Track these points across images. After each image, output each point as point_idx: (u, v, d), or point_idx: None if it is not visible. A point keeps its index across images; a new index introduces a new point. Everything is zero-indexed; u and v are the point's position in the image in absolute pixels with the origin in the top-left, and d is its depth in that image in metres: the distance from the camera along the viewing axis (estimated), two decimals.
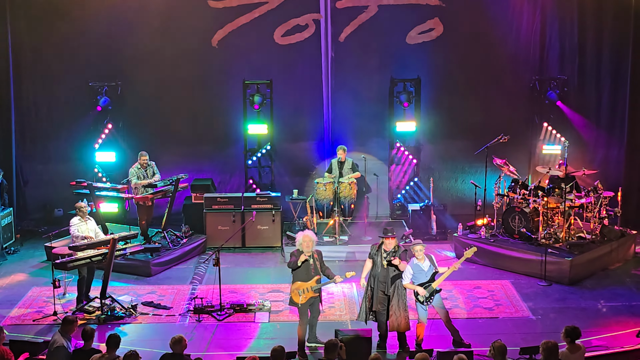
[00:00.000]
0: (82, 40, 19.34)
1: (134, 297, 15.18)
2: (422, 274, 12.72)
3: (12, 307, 14.88)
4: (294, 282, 12.75)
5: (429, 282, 12.69)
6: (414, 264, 12.76)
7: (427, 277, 12.71)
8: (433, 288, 12.69)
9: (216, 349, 13.15)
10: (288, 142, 20.27)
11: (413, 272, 12.70)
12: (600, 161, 19.57)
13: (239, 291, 15.70)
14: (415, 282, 12.71)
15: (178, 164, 19.48)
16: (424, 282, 12.69)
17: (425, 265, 12.75)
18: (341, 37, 19.77)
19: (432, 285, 12.69)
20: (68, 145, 19.79)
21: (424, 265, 12.74)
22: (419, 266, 12.74)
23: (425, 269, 12.73)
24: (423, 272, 12.72)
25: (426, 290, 12.64)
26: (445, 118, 20.10)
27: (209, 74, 19.85)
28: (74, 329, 11.55)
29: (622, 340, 13.24)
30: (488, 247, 17.00)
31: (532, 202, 16.98)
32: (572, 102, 19.84)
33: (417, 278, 12.72)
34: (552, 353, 10.52)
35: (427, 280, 12.70)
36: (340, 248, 17.53)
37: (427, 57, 19.92)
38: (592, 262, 16.51)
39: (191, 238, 18.12)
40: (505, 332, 13.52)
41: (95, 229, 15.26)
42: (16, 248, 18.30)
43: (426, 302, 12.73)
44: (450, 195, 20.16)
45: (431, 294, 12.71)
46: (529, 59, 19.96)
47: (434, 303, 12.81)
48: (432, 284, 12.69)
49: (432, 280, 12.71)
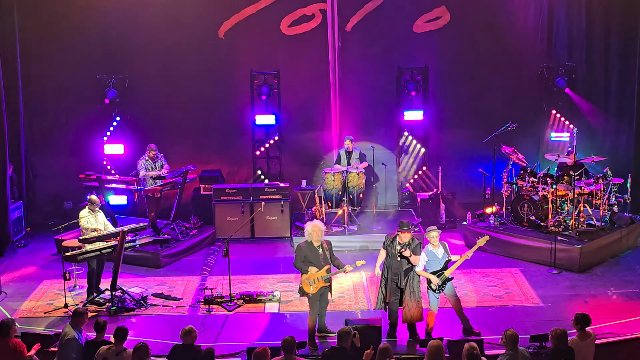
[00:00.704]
0: (89, 33, 19.33)
1: (144, 289, 15.20)
2: (435, 262, 12.72)
3: (24, 300, 14.94)
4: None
5: (442, 270, 12.70)
6: (428, 250, 12.77)
7: (440, 264, 12.71)
8: (446, 276, 12.69)
9: (226, 339, 13.17)
10: (296, 133, 20.25)
11: (427, 259, 12.72)
12: (609, 148, 19.51)
13: (248, 282, 15.73)
14: (429, 269, 12.71)
15: (186, 156, 19.51)
16: (437, 269, 12.70)
17: (439, 252, 12.75)
18: (348, 27, 19.73)
19: (444, 273, 12.69)
20: (77, 139, 19.81)
21: (438, 252, 12.74)
22: (433, 253, 12.74)
23: (439, 256, 12.73)
24: (437, 260, 12.72)
25: (439, 279, 12.66)
26: (453, 106, 20.07)
27: (216, 65, 19.84)
28: (85, 320, 11.60)
29: (632, 327, 13.22)
30: (497, 235, 16.98)
31: (541, 189, 16.95)
32: (581, 89, 19.79)
33: (431, 265, 12.72)
34: (562, 340, 10.52)
35: (440, 268, 12.71)
36: (349, 238, 17.53)
37: (434, 45, 19.87)
38: (602, 249, 16.48)
39: (200, 229, 18.15)
40: (515, 320, 13.53)
41: (104, 221, 15.30)
42: (26, 241, 18.35)
43: (438, 290, 12.72)
44: (458, 183, 20.08)
45: (443, 282, 12.70)
46: (536, 46, 19.90)
47: (446, 291, 12.81)
48: (444, 272, 12.70)
49: (445, 268, 12.71)
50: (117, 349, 10.84)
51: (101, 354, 10.83)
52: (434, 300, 12.82)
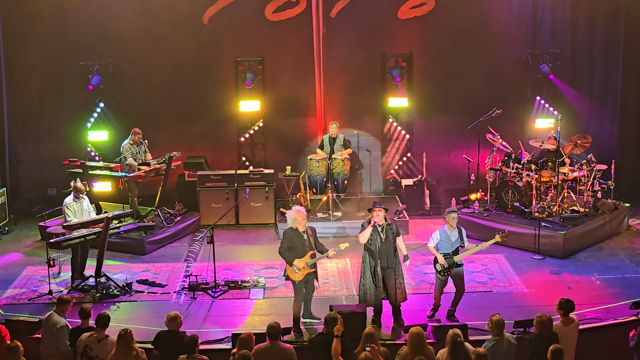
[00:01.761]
0: (73, 19, 19.21)
1: (128, 276, 15.20)
2: (447, 243, 12.83)
3: (7, 287, 14.88)
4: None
5: (452, 254, 12.76)
6: (442, 230, 12.88)
7: (452, 247, 12.81)
8: (454, 261, 12.75)
9: (211, 325, 13.19)
10: (280, 119, 20.22)
11: (440, 238, 12.82)
12: (593, 134, 19.52)
13: (233, 268, 15.73)
14: (440, 250, 12.82)
15: (171, 142, 19.40)
16: (447, 252, 12.78)
17: (453, 235, 12.84)
18: (332, 13, 19.68)
19: (453, 258, 12.75)
20: (60, 125, 19.71)
21: (451, 234, 12.84)
22: (446, 234, 12.85)
23: (452, 239, 12.84)
24: (449, 242, 12.83)
25: (446, 261, 12.72)
26: (438, 93, 20.06)
27: (201, 52, 19.76)
28: (70, 307, 11.58)
29: (615, 312, 13.31)
30: (481, 221, 17.05)
31: (525, 175, 17.00)
32: (565, 76, 19.85)
33: (442, 246, 12.84)
34: (546, 326, 10.56)
35: (450, 251, 12.79)
36: (333, 224, 17.54)
37: (418, 32, 19.86)
38: (586, 235, 16.57)
39: (185, 216, 18.12)
40: (499, 305, 13.58)
41: (88, 207, 15.23)
42: (10, 228, 18.28)
43: (443, 272, 12.79)
44: (443, 170, 20.09)
45: (450, 266, 12.75)
46: (521, 33, 19.91)
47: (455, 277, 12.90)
48: (454, 256, 12.75)
49: (455, 253, 12.78)
50: (99, 336, 10.80)
51: (83, 341, 10.80)
52: (438, 281, 12.97)
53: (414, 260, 15.15)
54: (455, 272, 12.91)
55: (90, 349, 10.73)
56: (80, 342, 10.82)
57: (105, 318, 10.96)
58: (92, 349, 10.73)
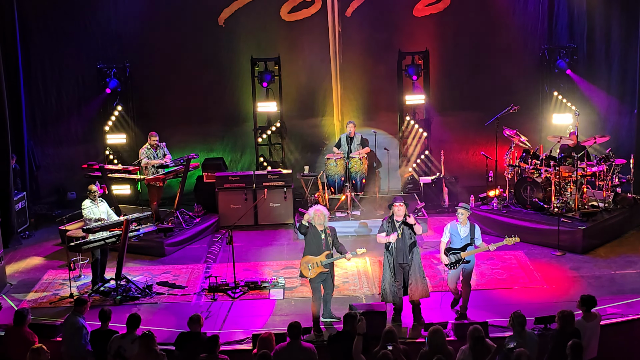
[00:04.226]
0: (90, 23, 19.37)
1: (148, 278, 15.28)
2: (457, 238, 12.84)
3: (29, 291, 14.96)
4: (304, 255, 12.81)
5: (460, 250, 12.75)
6: (452, 224, 12.91)
7: (461, 243, 12.81)
8: (461, 257, 12.74)
9: (232, 326, 13.22)
10: (298, 119, 20.25)
11: (450, 232, 12.89)
12: (611, 129, 19.47)
13: (252, 269, 15.76)
14: (452, 244, 12.85)
15: (189, 144, 19.51)
16: (456, 247, 12.78)
17: (462, 231, 12.83)
18: (348, 12, 19.70)
19: (461, 254, 12.74)
20: (79, 128, 19.87)
21: (461, 230, 12.83)
22: (456, 229, 12.84)
23: (461, 234, 12.82)
24: (458, 237, 12.84)
25: (453, 256, 12.72)
26: (455, 90, 20.05)
27: (217, 53, 19.83)
28: (87, 308, 11.69)
29: (637, 307, 13.25)
30: (501, 218, 17.00)
31: (544, 171, 16.95)
32: (582, 71, 19.77)
33: (452, 241, 12.84)
34: (569, 322, 10.55)
35: (459, 247, 12.79)
36: (352, 223, 17.54)
37: (434, 29, 19.84)
38: (605, 231, 16.48)
39: (204, 217, 18.16)
40: (519, 302, 13.53)
41: (107, 210, 15.26)
42: (30, 232, 18.36)
43: (450, 266, 12.79)
44: (461, 167, 20.07)
45: (457, 261, 12.75)
46: (537, 28, 19.87)
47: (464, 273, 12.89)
48: (461, 253, 12.75)
49: (464, 249, 12.77)
50: (132, 336, 10.88)
51: (116, 342, 10.89)
52: (448, 275, 13.03)
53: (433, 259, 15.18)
54: (464, 269, 12.89)
55: (124, 349, 10.80)
56: (112, 343, 10.90)
57: (136, 319, 11.05)
58: (125, 350, 10.79)
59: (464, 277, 12.93)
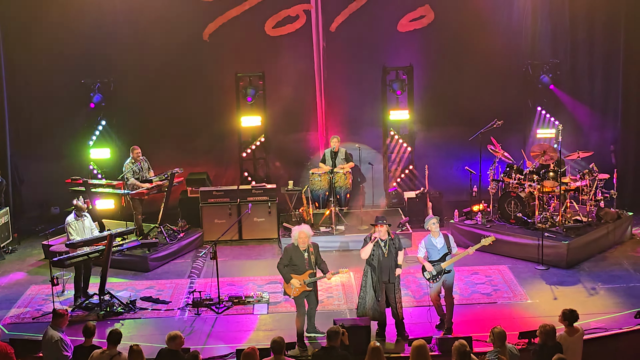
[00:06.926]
0: (73, 38, 19.27)
1: (132, 293, 15.21)
2: (434, 251, 12.82)
3: (11, 307, 14.87)
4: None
5: (439, 261, 12.75)
6: (427, 239, 12.89)
7: (439, 254, 12.79)
8: (442, 268, 12.74)
9: (215, 341, 13.18)
10: (282, 134, 20.27)
11: (426, 247, 12.85)
12: (595, 144, 19.57)
13: (237, 284, 15.72)
14: (429, 258, 12.84)
15: (173, 159, 19.43)
16: (435, 259, 12.77)
17: (438, 242, 12.83)
18: (332, 27, 19.75)
19: (441, 264, 12.73)
20: (62, 143, 19.76)
21: (437, 241, 12.83)
22: (431, 242, 12.83)
23: (438, 246, 12.82)
24: (435, 249, 12.82)
25: (434, 268, 12.70)
26: (439, 105, 20.09)
27: (201, 68, 19.82)
28: (66, 321, 11.62)
29: (620, 321, 13.28)
30: (485, 232, 16.93)
31: (528, 186, 17.00)
32: (565, 86, 19.88)
33: (430, 254, 12.82)
34: (550, 336, 10.54)
35: (438, 258, 12.77)
36: (336, 238, 17.54)
37: (418, 44, 19.90)
38: (589, 245, 16.54)
39: (188, 232, 18.12)
40: (503, 317, 13.55)
41: (91, 225, 15.22)
42: (14, 247, 18.25)
43: (432, 279, 12.78)
44: (445, 182, 20.06)
45: (438, 273, 12.75)
46: (520, 43, 19.95)
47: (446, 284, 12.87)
48: (441, 263, 12.74)
49: (442, 259, 12.76)
50: (111, 352, 10.81)
51: (95, 358, 10.81)
52: (431, 289, 12.97)
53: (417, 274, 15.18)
54: (445, 280, 12.89)
55: None
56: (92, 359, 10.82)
57: (117, 335, 10.97)
58: None
59: (446, 289, 12.93)
